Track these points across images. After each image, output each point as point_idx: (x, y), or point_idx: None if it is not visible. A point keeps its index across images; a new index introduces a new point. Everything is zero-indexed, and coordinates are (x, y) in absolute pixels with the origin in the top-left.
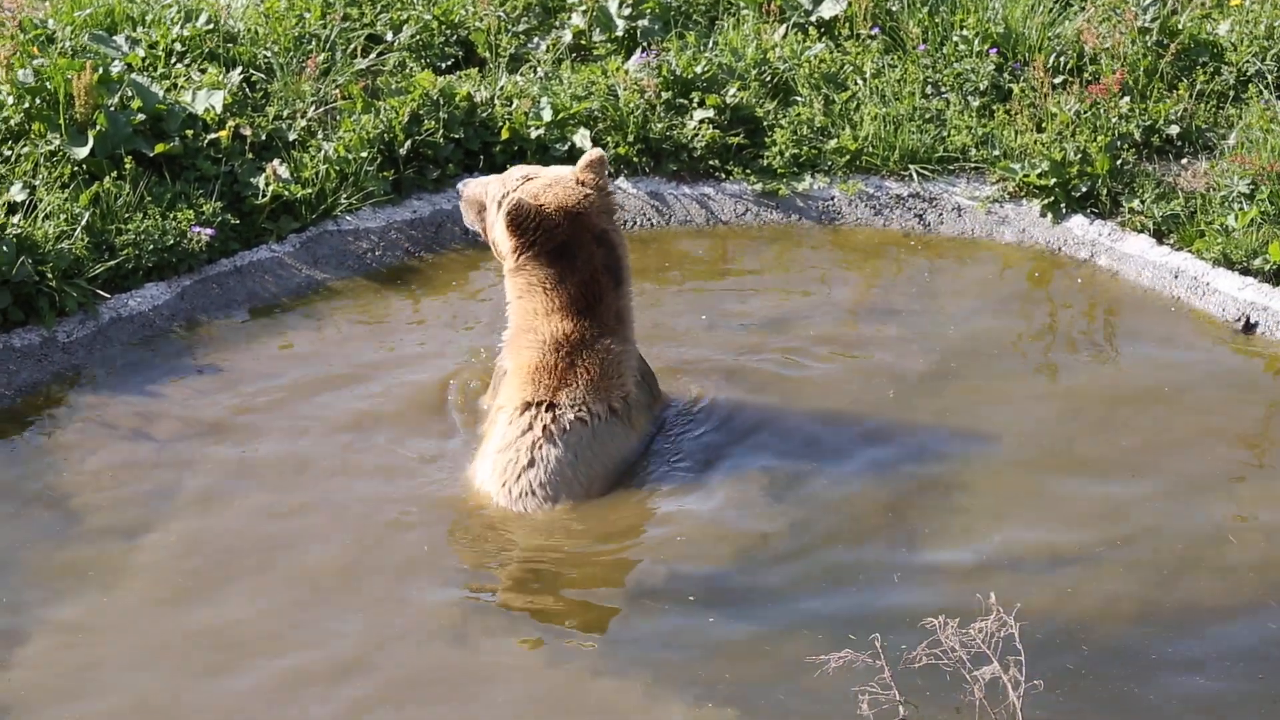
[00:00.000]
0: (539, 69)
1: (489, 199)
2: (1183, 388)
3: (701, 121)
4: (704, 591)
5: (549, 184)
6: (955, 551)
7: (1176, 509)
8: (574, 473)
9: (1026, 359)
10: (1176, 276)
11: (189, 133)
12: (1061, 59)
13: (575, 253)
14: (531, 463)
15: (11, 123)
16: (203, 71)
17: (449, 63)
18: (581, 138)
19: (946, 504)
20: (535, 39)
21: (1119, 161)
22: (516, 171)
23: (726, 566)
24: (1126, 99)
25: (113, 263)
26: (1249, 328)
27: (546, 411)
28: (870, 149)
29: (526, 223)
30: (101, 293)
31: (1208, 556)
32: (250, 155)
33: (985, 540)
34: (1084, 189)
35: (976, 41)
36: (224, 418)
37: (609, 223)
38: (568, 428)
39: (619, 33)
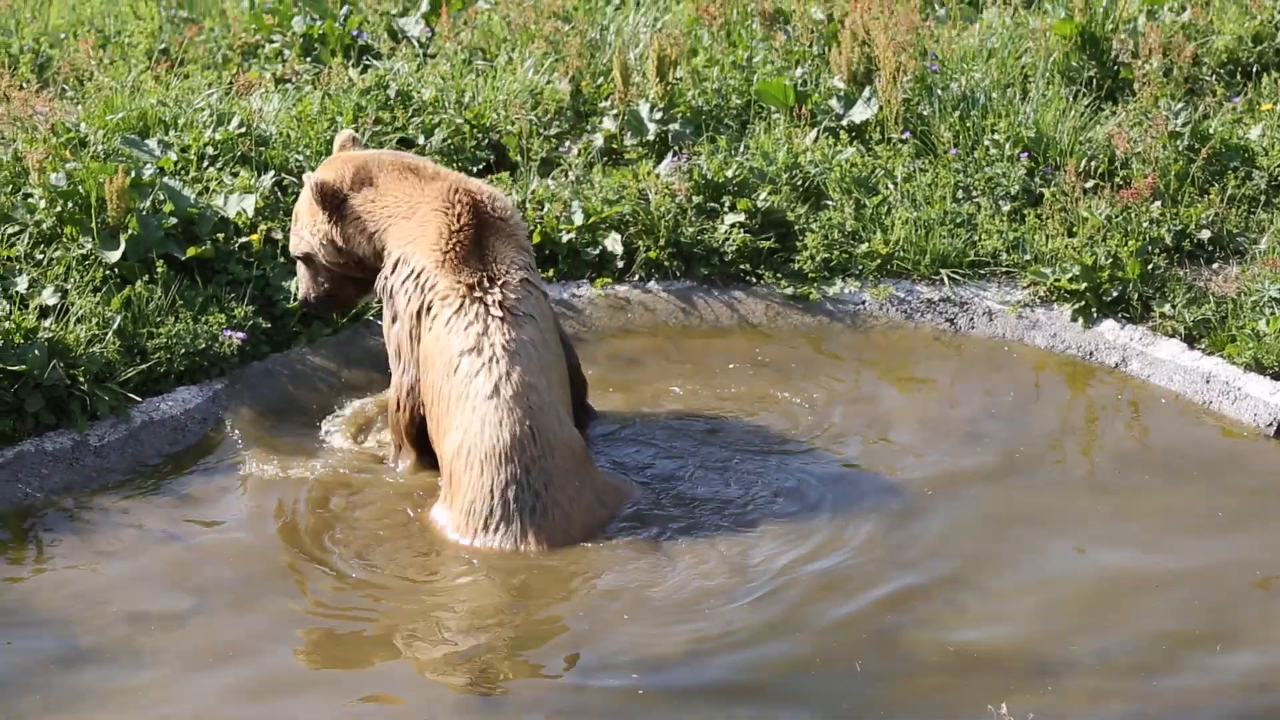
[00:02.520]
0: (570, 172)
1: (296, 241)
2: (1213, 493)
3: (732, 225)
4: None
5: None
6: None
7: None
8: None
9: (1061, 466)
10: (1208, 381)
11: (221, 236)
12: (1093, 163)
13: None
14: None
15: (44, 226)
16: (235, 175)
17: (481, 166)
18: (613, 241)
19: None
20: (567, 142)
21: (1150, 266)
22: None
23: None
24: (1158, 203)
25: (144, 366)
26: None
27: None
28: (901, 253)
29: (324, 191)
30: (133, 396)
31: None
32: (282, 259)
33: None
34: (1115, 293)
35: (1008, 146)
36: (256, 521)
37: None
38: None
39: (650, 136)
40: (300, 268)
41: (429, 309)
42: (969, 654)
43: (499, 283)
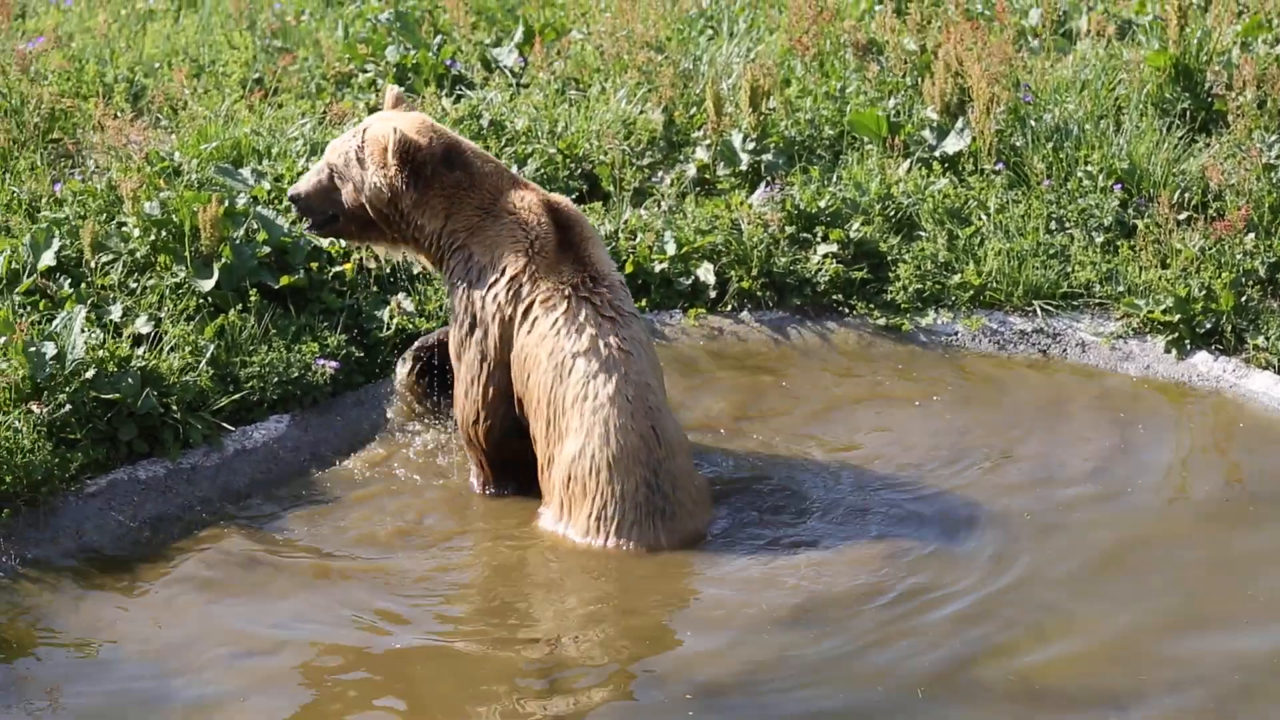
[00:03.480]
0: (663, 202)
1: (345, 159)
2: None
3: (825, 256)
4: None
5: (390, 119)
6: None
7: None
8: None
9: (1156, 498)
10: None
11: (313, 265)
12: (1186, 195)
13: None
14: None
15: (138, 255)
16: None
17: (574, 196)
18: (706, 271)
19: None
20: (660, 173)
21: (1244, 298)
22: (346, 140)
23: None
24: (1251, 236)
25: (237, 395)
26: None
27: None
28: (994, 284)
29: (409, 151)
30: (225, 425)
31: None
32: (374, 288)
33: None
34: (1208, 325)
35: (1101, 177)
36: (347, 550)
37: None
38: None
39: (743, 166)
40: (324, 170)
41: (527, 313)
42: (1041, 685)
43: (603, 283)
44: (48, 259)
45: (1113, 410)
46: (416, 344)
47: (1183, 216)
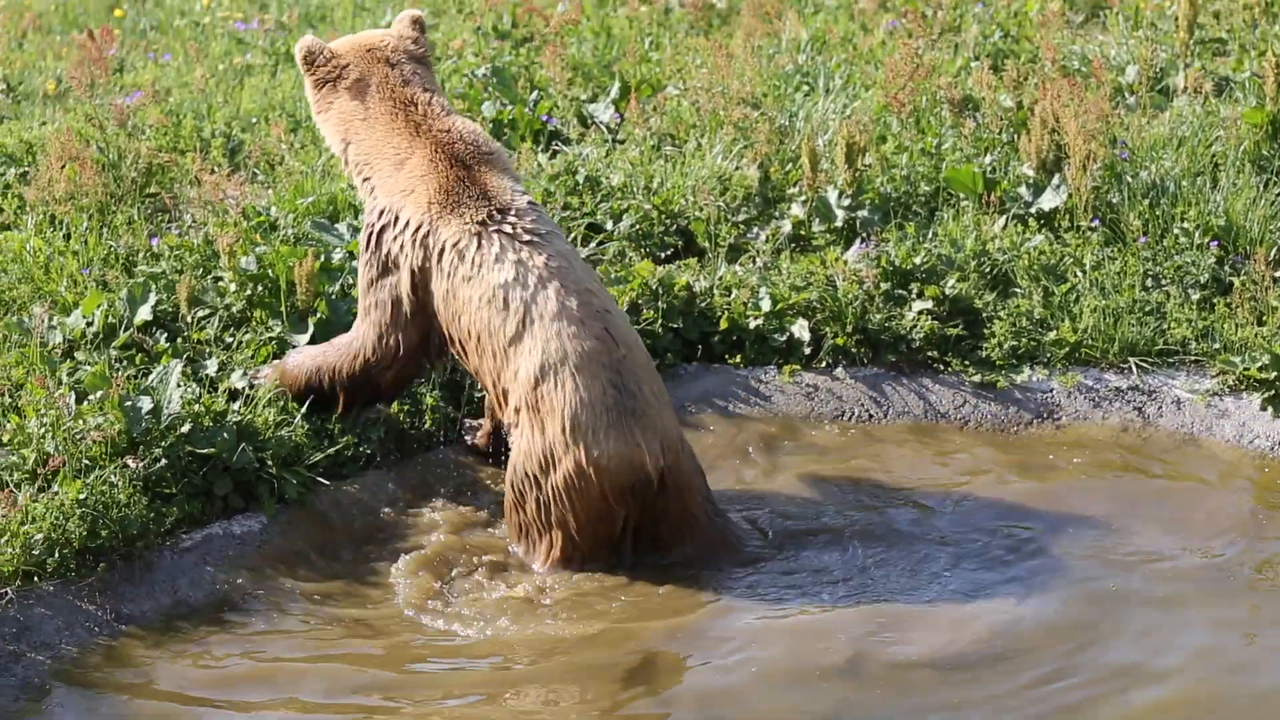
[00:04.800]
0: (758, 258)
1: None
2: None
3: (920, 312)
4: None
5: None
6: None
7: None
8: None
9: (1255, 560)
10: None
11: None
12: None
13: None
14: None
15: (234, 310)
16: None
17: (668, 252)
18: (800, 328)
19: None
20: (755, 229)
21: None
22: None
23: None
24: None
25: (332, 450)
26: None
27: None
28: (1090, 341)
29: (308, 54)
30: (321, 479)
31: None
32: None
33: None
34: None
35: (1197, 234)
36: (436, 601)
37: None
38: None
39: (838, 223)
40: None
41: (440, 259)
42: None
43: (511, 211)
44: (144, 313)
45: (1210, 469)
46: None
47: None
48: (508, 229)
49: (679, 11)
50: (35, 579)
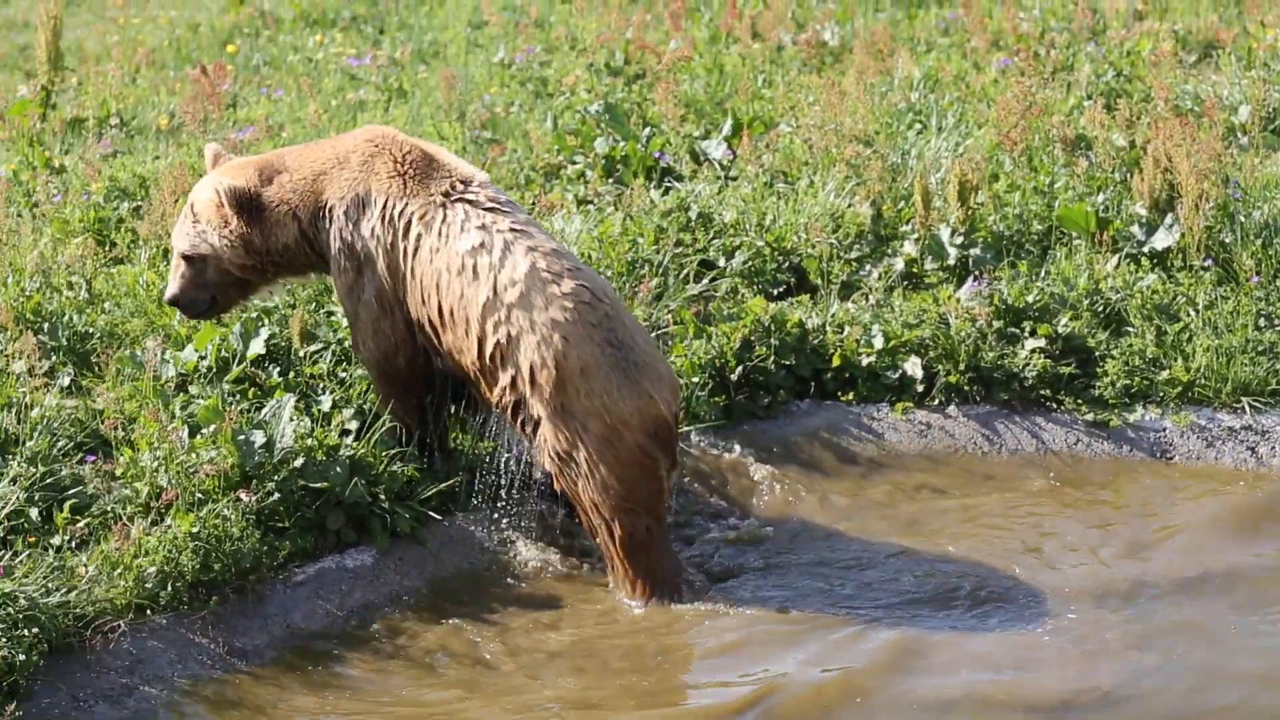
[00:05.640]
0: (870, 296)
1: (191, 242)
2: None
3: (1033, 351)
4: None
5: (207, 182)
6: None
7: None
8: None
9: None
10: None
11: None
12: None
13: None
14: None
15: (346, 344)
16: None
17: (781, 289)
18: (913, 365)
19: None
20: (867, 266)
21: None
22: (181, 226)
23: None
24: None
25: (444, 485)
26: None
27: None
28: (1202, 381)
29: (238, 196)
30: (433, 514)
31: None
32: None
33: None
34: None
35: None
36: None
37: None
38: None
39: (951, 261)
40: (180, 265)
41: (407, 234)
42: None
43: (473, 183)
44: (257, 347)
45: None
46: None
47: None
48: (470, 198)
49: (791, 49)
50: (148, 612)
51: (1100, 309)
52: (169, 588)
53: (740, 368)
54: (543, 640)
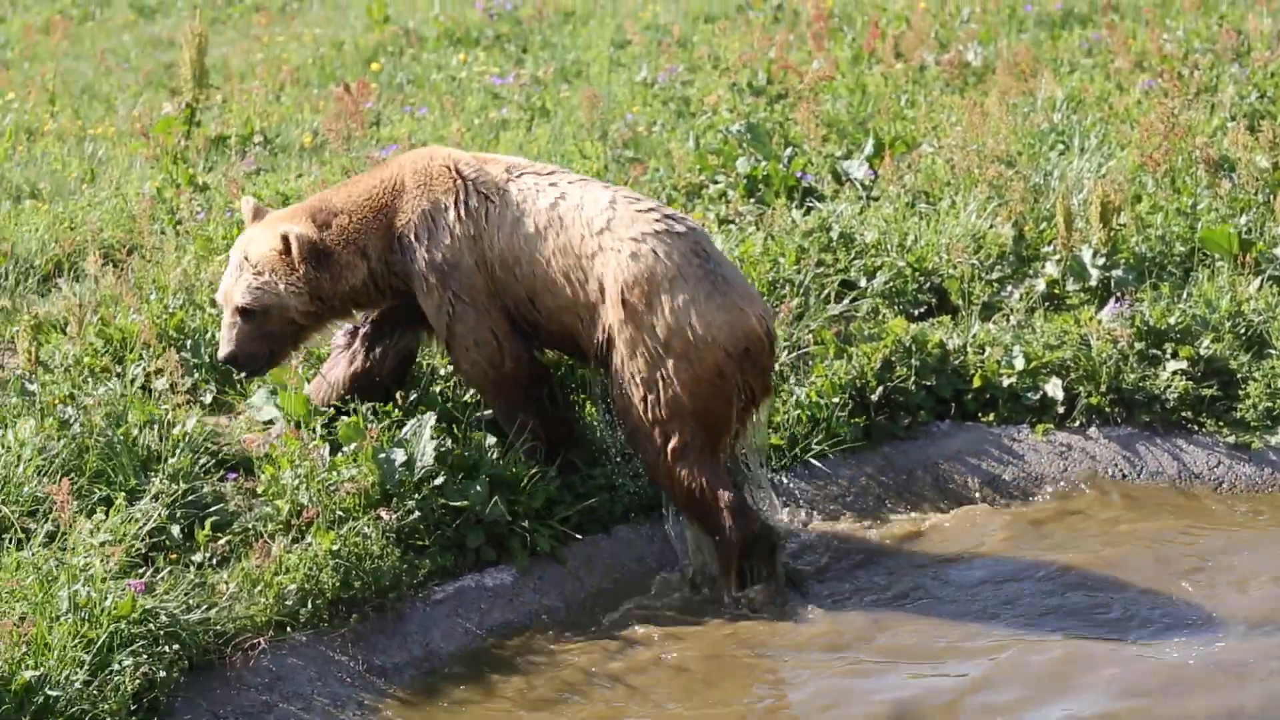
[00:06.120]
0: (1011, 317)
1: (253, 296)
2: None
3: (1174, 373)
4: None
5: (263, 231)
6: None
7: None
8: None
9: None
10: None
11: None
12: None
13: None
14: None
15: None
16: None
17: (921, 309)
18: (1054, 386)
19: None
20: (1008, 287)
21: None
22: (238, 280)
23: None
24: None
25: (584, 505)
26: None
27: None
28: None
29: (308, 246)
30: (573, 533)
31: None
32: None
33: None
34: None
35: None
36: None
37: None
38: None
39: (1092, 282)
40: (236, 320)
41: (486, 218)
42: None
43: (520, 163)
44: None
45: None
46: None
47: None
48: (530, 170)
49: (934, 69)
50: (288, 629)
51: (1242, 331)
52: (309, 605)
53: (881, 388)
54: (681, 660)
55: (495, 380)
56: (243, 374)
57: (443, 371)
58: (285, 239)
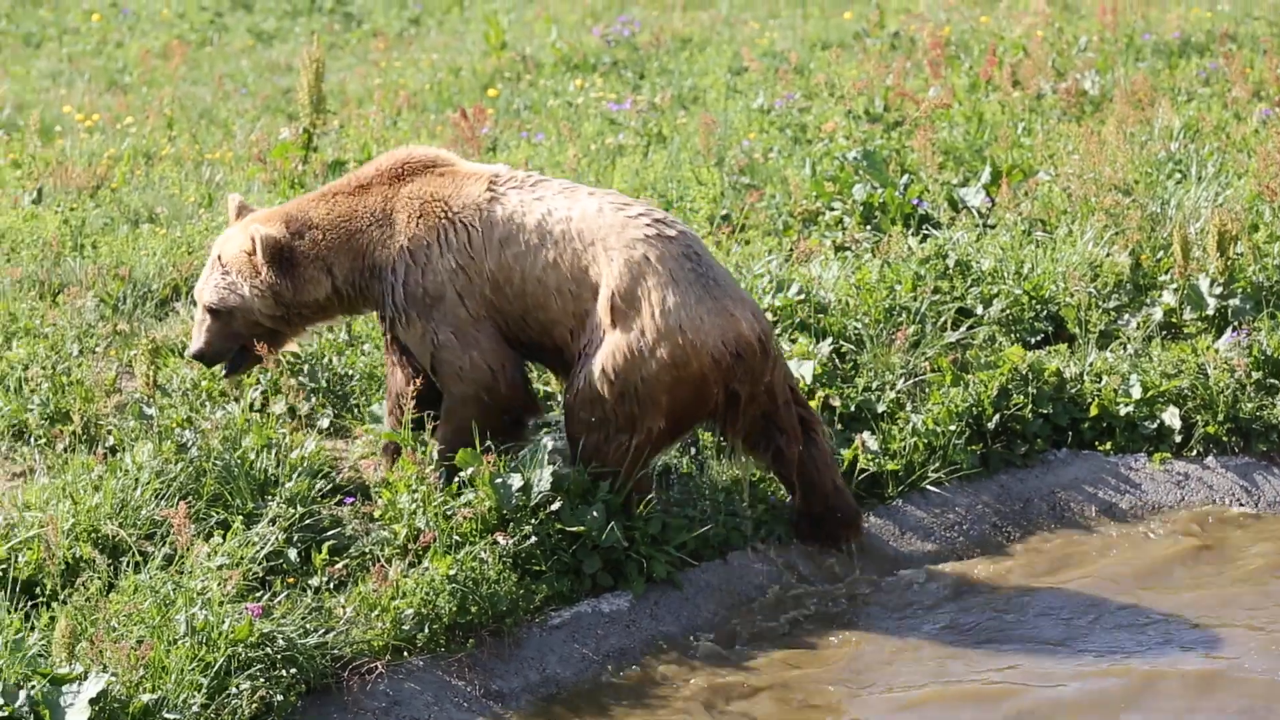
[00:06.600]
0: (1128, 345)
1: (219, 294)
2: None
3: None
4: None
5: (237, 232)
6: None
7: None
8: None
9: None
10: None
11: None
12: None
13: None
14: None
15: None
16: (793, 341)
17: (1038, 338)
18: (1171, 415)
19: None
20: (1125, 315)
21: None
22: (208, 278)
23: None
24: None
25: (700, 531)
26: None
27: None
28: None
29: (271, 246)
30: (689, 559)
31: None
32: (839, 426)
33: None
34: None
35: None
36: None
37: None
38: None
39: (1209, 311)
40: (206, 319)
41: (472, 245)
42: None
43: (504, 173)
44: None
45: None
46: None
47: None
48: (515, 182)
49: (1051, 97)
50: (405, 653)
51: None
52: (426, 630)
53: (997, 416)
54: (797, 686)
55: (485, 404)
56: (211, 370)
57: (558, 397)
58: (253, 239)
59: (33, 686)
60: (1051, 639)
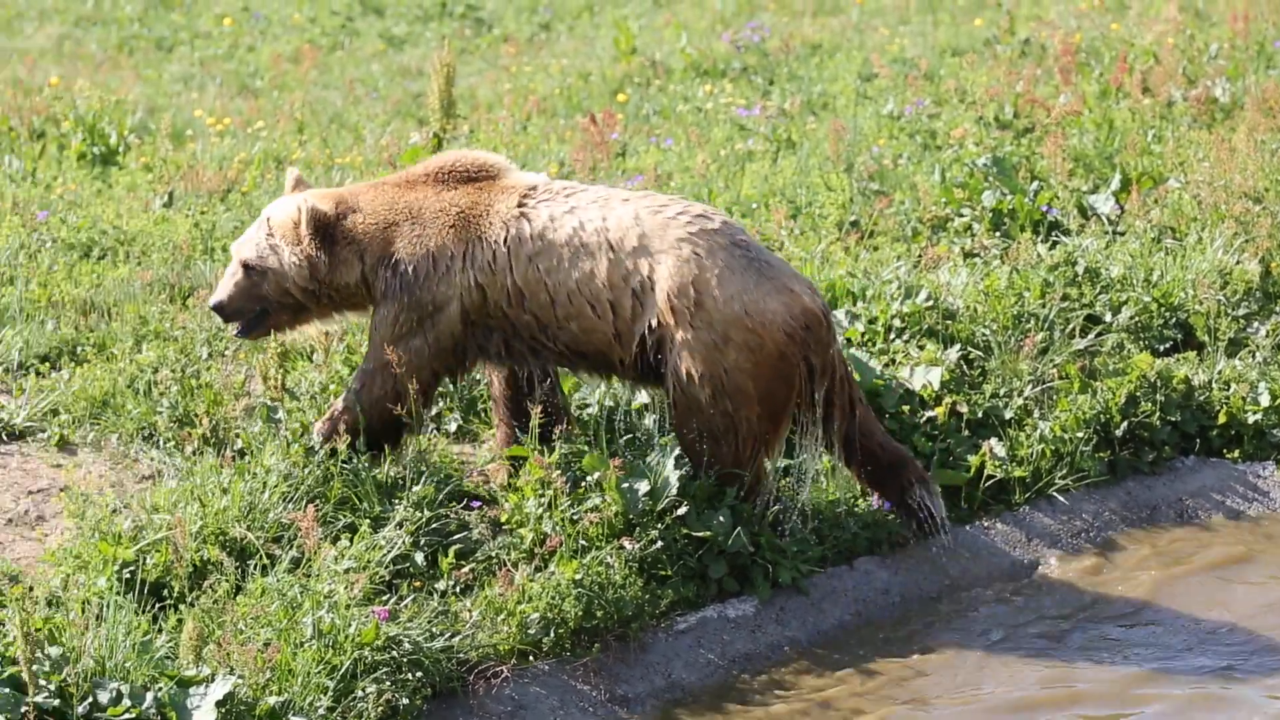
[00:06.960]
0: (1258, 353)
1: (259, 251)
2: None
3: None
4: None
5: (290, 200)
6: None
7: None
8: None
9: None
10: None
11: (905, 409)
12: None
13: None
14: None
15: None
16: (921, 348)
17: (1167, 345)
18: None
19: None
20: (1255, 323)
21: None
22: (252, 234)
23: None
24: None
25: (826, 544)
26: None
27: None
28: None
29: (318, 219)
30: (815, 566)
31: None
32: (966, 432)
33: None
34: None
35: None
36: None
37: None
38: None
39: None
40: (238, 272)
41: (496, 260)
42: None
43: (539, 188)
44: (641, 396)
45: None
46: None
47: None
48: (546, 197)
49: (1181, 105)
50: (530, 658)
51: None
52: (551, 634)
53: (1125, 423)
54: (924, 696)
55: (380, 416)
56: (226, 326)
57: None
58: (299, 209)
59: (160, 688)
60: (1177, 647)
